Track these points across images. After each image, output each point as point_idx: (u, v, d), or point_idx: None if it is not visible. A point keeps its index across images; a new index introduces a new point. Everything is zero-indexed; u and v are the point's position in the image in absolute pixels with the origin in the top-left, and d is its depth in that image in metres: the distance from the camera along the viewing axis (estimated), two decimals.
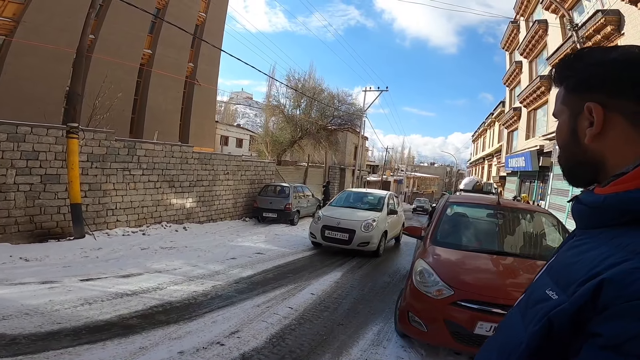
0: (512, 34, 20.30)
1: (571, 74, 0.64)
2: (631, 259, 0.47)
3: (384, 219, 8.47)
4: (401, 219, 10.53)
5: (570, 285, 0.52)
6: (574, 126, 0.63)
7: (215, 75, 21.38)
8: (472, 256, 3.67)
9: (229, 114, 57.08)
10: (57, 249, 6.13)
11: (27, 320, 3.37)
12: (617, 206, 0.55)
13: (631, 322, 0.43)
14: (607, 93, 0.58)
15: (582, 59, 0.63)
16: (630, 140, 0.57)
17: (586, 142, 0.60)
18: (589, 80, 0.61)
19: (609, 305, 0.45)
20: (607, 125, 0.58)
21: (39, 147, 6.64)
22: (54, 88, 12.49)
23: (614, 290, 0.46)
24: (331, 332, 3.85)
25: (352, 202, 9.41)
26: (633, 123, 0.57)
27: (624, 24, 8.86)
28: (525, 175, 16.17)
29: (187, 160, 9.93)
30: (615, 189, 0.55)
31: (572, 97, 0.64)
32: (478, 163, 32.64)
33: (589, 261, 0.52)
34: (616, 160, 0.58)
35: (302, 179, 18.23)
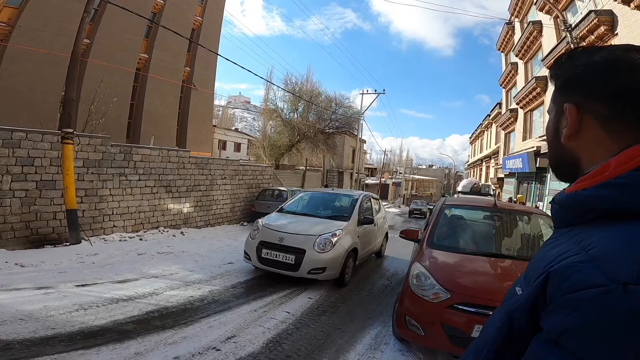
0: (508, 36, 20.43)
1: (560, 74, 0.65)
2: (578, 254, 0.47)
3: (353, 231, 6.00)
4: (382, 229, 8.12)
5: (531, 280, 0.53)
6: (557, 125, 0.64)
7: (212, 79, 21.41)
8: (469, 259, 3.65)
9: (226, 118, 57.12)
10: (53, 254, 6.09)
11: (22, 325, 3.34)
12: (574, 204, 0.56)
13: (567, 315, 0.43)
14: (584, 94, 0.59)
15: (572, 58, 0.64)
16: (600, 142, 0.58)
17: (562, 141, 0.62)
18: (571, 80, 0.62)
19: (552, 299, 0.46)
20: (581, 126, 0.59)
21: (34, 153, 6.61)
22: (50, 93, 12.48)
23: (555, 283, 0.46)
24: (328, 336, 3.82)
25: (312, 207, 6.95)
26: (604, 126, 0.57)
27: (617, 24, 8.89)
28: (522, 176, 16.21)
29: (184, 165, 9.90)
30: (575, 188, 0.57)
31: (559, 96, 0.65)
32: (476, 165, 32.71)
33: (550, 257, 0.53)
34: (587, 160, 0.59)
35: (300, 183, 18.23)
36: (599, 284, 0.41)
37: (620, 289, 0.39)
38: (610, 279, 0.41)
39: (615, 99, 0.56)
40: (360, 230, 6.30)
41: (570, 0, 11.83)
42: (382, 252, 8.35)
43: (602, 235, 0.48)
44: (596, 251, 0.46)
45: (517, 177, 16.99)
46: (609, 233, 0.48)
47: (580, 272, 0.44)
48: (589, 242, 0.48)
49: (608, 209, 0.51)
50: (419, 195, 48.95)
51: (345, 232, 5.75)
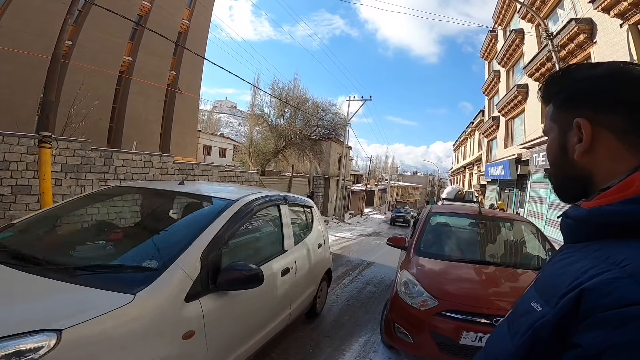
0: (491, 43, 20.89)
1: (559, 91, 0.65)
2: (610, 270, 0.47)
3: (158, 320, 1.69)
4: (315, 270, 3.93)
5: (554, 297, 0.52)
6: (564, 142, 0.63)
7: (198, 84, 21.19)
8: (456, 266, 3.68)
9: (212, 123, 56.57)
10: None
11: None
12: (598, 219, 0.55)
13: (608, 332, 0.42)
14: (594, 109, 0.59)
15: (569, 75, 0.64)
16: (617, 156, 0.57)
17: (575, 158, 0.61)
18: (576, 96, 0.62)
19: (588, 315, 0.46)
20: (595, 140, 0.58)
21: (10, 157, 6.36)
22: (29, 95, 12.09)
23: (592, 299, 0.46)
24: (317, 344, 3.77)
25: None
26: (620, 139, 0.57)
27: (596, 32, 9.04)
28: (504, 183, 16.55)
29: (167, 171, 9.70)
30: (598, 203, 0.56)
31: (561, 113, 0.64)
32: (459, 172, 33.29)
33: (571, 273, 0.52)
34: (603, 175, 0.58)
35: (287, 190, 18.13)
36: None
37: None
38: None
39: (630, 110, 0.56)
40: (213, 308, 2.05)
41: (552, 9, 12.13)
42: (319, 308, 4.43)
43: (633, 251, 0.48)
44: (633, 267, 0.46)
45: (499, 184, 17.34)
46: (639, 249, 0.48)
47: (622, 289, 0.44)
48: (618, 258, 0.48)
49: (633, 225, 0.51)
50: (404, 202, 49.38)
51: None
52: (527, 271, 3.59)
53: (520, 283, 3.34)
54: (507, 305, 2.86)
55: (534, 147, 11.72)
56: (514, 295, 3.06)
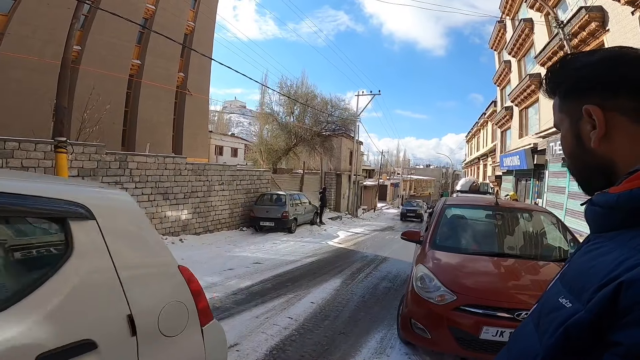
0: (500, 34, 20.51)
1: (561, 82, 0.64)
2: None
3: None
4: None
5: (585, 291, 0.49)
6: (577, 132, 0.62)
7: (206, 85, 21.34)
8: (473, 259, 3.60)
9: (222, 123, 57.02)
10: None
11: None
12: (630, 204, 0.51)
13: None
14: (601, 94, 0.58)
15: (568, 65, 0.64)
16: (636, 138, 0.55)
17: (592, 146, 0.59)
18: (579, 84, 0.61)
19: (629, 311, 0.42)
20: (609, 126, 0.57)
21: (28, 163, 6.51)
22: (42, 101, 12.32)
23: (633, 294, 0.42)
24: (333, 341, 3.75)
25: None
26: (635, 120, 0.55)
27: (608, 20, 8.87)
28: (520, 173, 16.22)
29: (180, 172, 9.81)
30: (628, 187, 0.52)
31: (568, 104, 0.63)
32: (473, 163, 32.78)
33: (604, 265, 0.48)
34: (627, 160, 0.56)
35: (299, 187, 18.14)
36: None
37: None
38: None
39: (636, 90, 0.55)
40: None
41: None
42: None
43: None
44: None
45: (515, 174, 17.01)
46: None
47: None
48: None
49: None
50: (417, 196, 48.92)
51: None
52: (548, 263, 3.49)
53: (542, 276, 3.25)
54: (528, 299, 2.79)
55: (550, 135, 11.44)
56: (535, 289, 2.98)
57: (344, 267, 7.37)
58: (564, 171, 11.04)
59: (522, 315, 2.71)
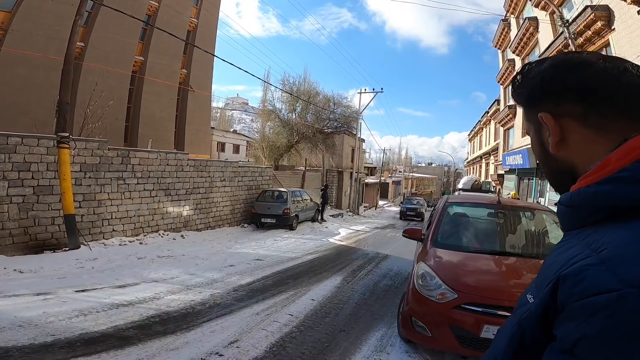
0: (504, 32, 20.40)
1: (521, 92, 0.67)
2: (589, 256, 0.45)
3: None
4: None
5: (542, 286, 0.51)
6: (540, 139, 0.65)
7: (209, 81, 21.30)
8: (474, 257, 3.60)
9: (224, 120, 57.02)
10: (52, 260, 6.02)
11: (21, 332, 3.29)
12: (581, 202, 0.54)
13: (581, 323, 0.41)
14: (552, 101, 0.60)
15: (524, 75, 0.66)
16: (589, 140, 0.57)
17: (551, 151, 0.61)
18: (533, 93, 0.64)
19: (564, 306, 0.44)
20: (564, 131, 0.59)
21: (31, 158, 6.53)
22: (45, 97, 12.32)
23: (566, 289, 0.45)
24: (333, 338, 3.76)
25: None
26: (586, 125, 0.57)
27: (614, 19, 8.84)
28: (523, 172, 16.16)
29: (182, 168, 9.83)
30: (578, 186, 0.55)
31: (530, 112, 0.66)
32: (475, 162, 32.68)
33: (561, 261, 0.50)
34: (584, 162, 0.58)
35: (300, 184, 18.14)
36: (613, 288, 0.39)
37: (636, 293, 0.37)
38: (624, 282, 0.39)
39: (582, 97, 0.57)
40: None
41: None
42: None
43: (612, 235, 0.46)
44: (607, 253, 0.44)
45: (518, 173, 16.94)
46: (620, 232, 0.46)
47: (592, 276, 0.42)
48: (600, 243, 0.46)
49: (616, 206, 0.49)
50: (417, 194, 48.76)
51: None
52: None
53: None
54: None
55: None
56: None
57: (345, 265, 7.37)
58: None
59: None
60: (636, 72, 0.56)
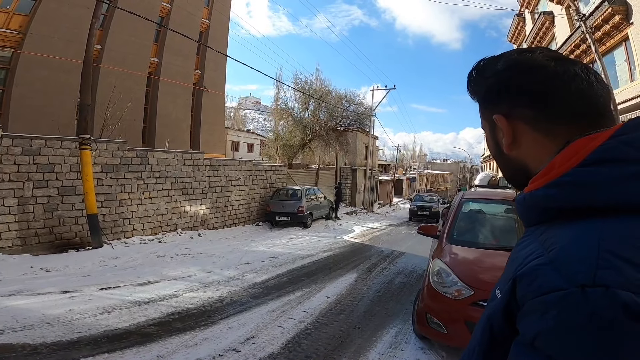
0: (519, 27, 19.95)
1: (476, 90, 0.66)
2: (541, 255, 0.48)
3: None
4: None
5: (505, 282, 0.53)
6: (495, 138, 0.65)
7: (222, 81, 21.52)
8: (491, 254, 3.56)
9: (238, 120, 57.48)
10: (77, 258, 6.24)
11: (49, 329, 3.43)
12: (532, 204, 0.56)
13: (534, 320, 0.44)
14: (505, 103, 0.60)
15: (480, 72, 0.65)
16: (539, 143, 0.58)
17: (505, 151, 0.62)
18: (488, 93, 0.64)
19: (522, 303, 0.47)
20: (516, 133, 0.60)
21: (54, 160, 6.77)
22: (66, 99, 12.67)
23: (523, 287, 0.47)
24: (347, 335, 3.79)
25: None
26: (536, 128, 0.58)
27: (632, 12, 8.67)
28: None
29: (199, 168, 10.00)
30: (529, 188, 0.57)
31: (484, 111, 0.66)
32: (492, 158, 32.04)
33: (519, 259, 0.52)
34: (534, 163, 0.60)
35: (314, 182, 18.19)
36: (560, 287, 0.42)
37: (579, 292, 0.41)
38: (569, 281, 0.42)
39: (532, 101, 0.57)
40: None
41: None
42: None
43: (559, 235, 0.49)
44: (554, 253, 0.46)
45: None
46: (564, 233, 0.49)
47: (543, 276, 0.45)
48: (550, 242, 0.49)
49: (562, 208, 0.52)
50: (433, 190, 48.08)
51: None
52: None
53: None
54: None
55: None
56: None
57: (360, 262, 7.38)
58: None
59: None
60: (585, 77, 0.57)
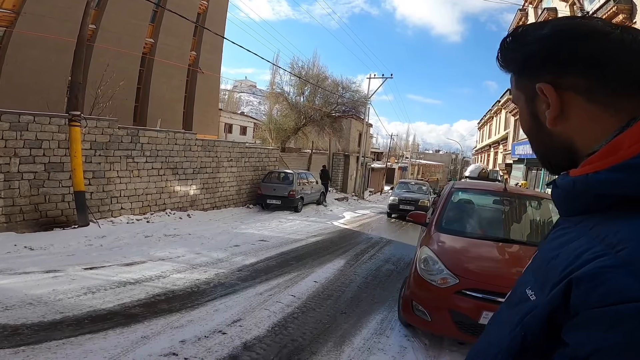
0: (521, 22, 19.87)
1: (514, 57, 0.59)
2: (605, 255, 0.40)
3: None
4: None
5: (547, 284, 0.45)
6: (534, 111, 0.57)
7: (218, 63, 21.12)
8: (478, 244, 3.60)
9: (232, 102, 56.73)
10: (62, 237, 6.16)
11: (30, 310, 3.37)
12: (588, 190, 0.48)
13: (596, 333, 0.37)
14: (554, 71, 0.53)
15: (518, 39, 0.58)
16: (594, 117, 0.51)
17: (548, 125, 0.54)
18: (531, 60, 0.56)
19: (578, 311, 0.39)
20: (565, 104, 0.52)
21: (42, 136, 6.61)
22: (57, 78, 12.39)
23: (582, 292, 0.39)
24: (334, 320, 3.83)
25: None
26: (591, 100, 0.51)
27: (636, 12, 8.66)
28: (531, 162, 15.96)
29: (190, 148, 9.88)
30: (584, 171, 0.49)
31: (523, 80, 0.59)
32: (484, 150, 32.28)
33: (566, 256, 0.45)
34: (585, 141, 0.52)
35: (306, 166, 18.15)
36: (637, 298, 0.35)
37: None
38: None
39: (589, 68, 0.50)
40: None
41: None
42: None
43: (630, 230, 0.41)
44: (628, 254, 0.38)
45: (526, 163, 16.74)
46: (633, 228, 0.41)
47: (613, 281, 0.37)
48: (615, 239, 0.41)
49: (628, 196, 0.44)
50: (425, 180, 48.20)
51: None
52: None
53: None
54: None
55: None
56: None
57: (348, 248, 7.44)
58: None
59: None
60: None
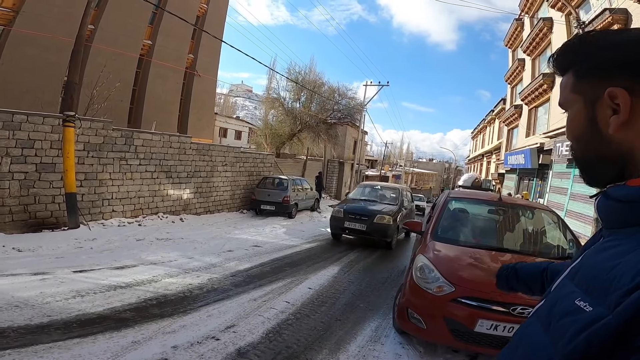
0: (516, 32, 20.23)
1: (581, 59, 0.59)
2: None
3: None
4: None
5: (610, 294, 0.45)
6: (593, 115, 0.56)
7: (215, 67, 21.14)
8: (473, 252, 3.61)
9: (228, 106, 56.71)
10: (51, 239, 6.05)
11: (17, 312, 3.30)
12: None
13: None
14: (631, 77, 0.53)
15: (590, 43, 0.59)
16: None
17: (611, 132, 0.54)
18: (605, 63, 0.56)
19: None
20: (634, 111, 0.52)
21: (35, 136, 6.52)
22: (53, 78, 12.32)
23: None
24: (329, 327, 3.80)
25: None
26: None
27: (631, 22, 8.79)
28: (524, 172, 16.14)
29: (185, 151, 9.82)
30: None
31: (587, 83, 0.58)
32: (477, 160, 32.60)
33: (630, 266, 0.44)
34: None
35: (301, 172, 18.15)
36: None
37: None
38: None
39: None
40: None
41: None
42: None
43: None
44: None
45: (519, 173, 16.93)
46: None
47: None
48: None
49: None
50: (418, 189, 48.64)
51: None
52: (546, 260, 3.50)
53: None
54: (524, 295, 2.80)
55: (558, 136, 11.34)
56: None
57: (343, 255, 7.41)
58: (568, 172, 10.98)
59: (517, 310, 2.73)
60: None
